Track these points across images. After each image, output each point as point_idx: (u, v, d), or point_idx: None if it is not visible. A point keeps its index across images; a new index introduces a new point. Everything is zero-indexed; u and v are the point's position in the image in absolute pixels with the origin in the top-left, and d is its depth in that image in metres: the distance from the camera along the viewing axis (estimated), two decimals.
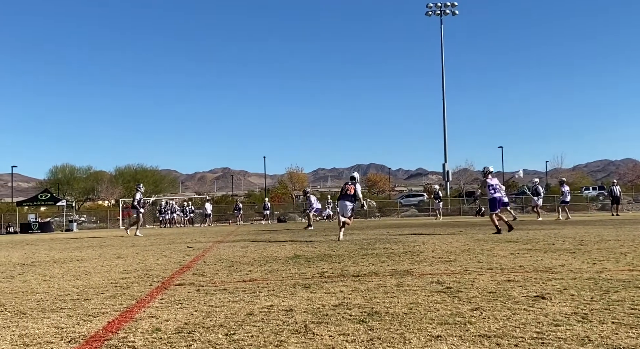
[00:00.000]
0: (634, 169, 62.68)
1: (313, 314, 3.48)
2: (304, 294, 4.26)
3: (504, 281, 4.60)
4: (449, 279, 4.84)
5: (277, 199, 50.39)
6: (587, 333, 2.78)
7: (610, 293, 3.87)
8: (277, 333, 3.00)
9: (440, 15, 49.54)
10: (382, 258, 6.88)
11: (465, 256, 6.79)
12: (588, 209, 38.40)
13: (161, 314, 3.65)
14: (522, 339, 2.71)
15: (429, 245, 8.88)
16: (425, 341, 2.74)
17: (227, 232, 18.52)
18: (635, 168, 62.66)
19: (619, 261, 5.76)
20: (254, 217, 41.61)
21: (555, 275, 4.88)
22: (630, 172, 62.96)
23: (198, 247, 10.37)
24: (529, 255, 6.71)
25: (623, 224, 15.20)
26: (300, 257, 7.44)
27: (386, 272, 5.47)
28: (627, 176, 61.21)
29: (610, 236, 9.82)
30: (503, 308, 3.49)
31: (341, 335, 2.90)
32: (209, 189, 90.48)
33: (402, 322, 3.16)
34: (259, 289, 4.56)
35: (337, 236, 11.42)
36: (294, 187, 58.30)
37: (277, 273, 5.74)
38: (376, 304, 3.75)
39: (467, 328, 2.96)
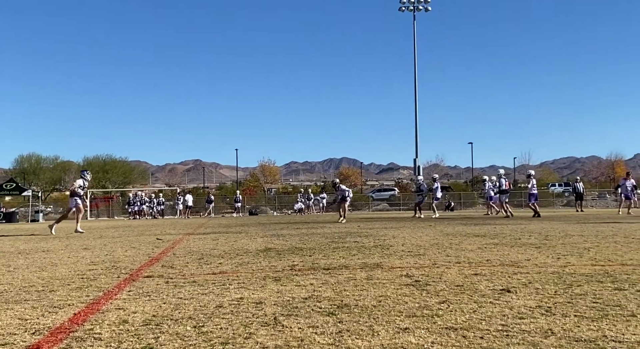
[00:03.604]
0: (598, 167, 64.35)
1: (283, 306, 3.48)
2: (274, 286, 4.26)
3: (471, 275, 4.68)
4: (417, 272, 4.90)
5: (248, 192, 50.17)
6: (550, 325, 2.85)
7: (573, 287, 3.97)
8: (246, 325, 2.99)
9: (413, 11, 49.78)
10: (353, 251, 6.92)
11: (434, 250, 6.88)
12: (554, 205, 39.31)
13: (129, 306, 3.60)
14: (487, 331, 2.76)
15: (399, 239, 8.97)
16: (393, 333, 2.77)
17: (198, 225, 18.37)
18: (599, 165, 64.33)
19: (582, 256, 5.92)
20: (226, 209, 41.36)
21: (520, 269, 4.98)
22: (595, 169, 64.60)
23: (167, 240, 10.27)
24: (496, 249, 6.84)
25: (587, 220, 15.61)
26: (271, 250, 7.43)
27: (356, 265, 5.51)
28: (592, 173, 62.81)
29: (575, 231, 10.07)
30: (470, 301, 3.55)
31: (310, 327, 2.91)
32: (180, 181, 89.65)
33: (371, 314, 3.19)
34: (229, 282, 4.55)
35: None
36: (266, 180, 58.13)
37: (247, 265, 5.72)
38: (346, 297, 3.77)
39: (434, 321, 3.01)
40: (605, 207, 34.78)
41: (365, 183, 78.32)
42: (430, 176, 22.65)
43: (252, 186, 56.92)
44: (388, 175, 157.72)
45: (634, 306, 3.28)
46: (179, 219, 30.82)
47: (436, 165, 60.00)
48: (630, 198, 21.54)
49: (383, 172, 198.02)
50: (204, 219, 28.84)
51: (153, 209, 35.78)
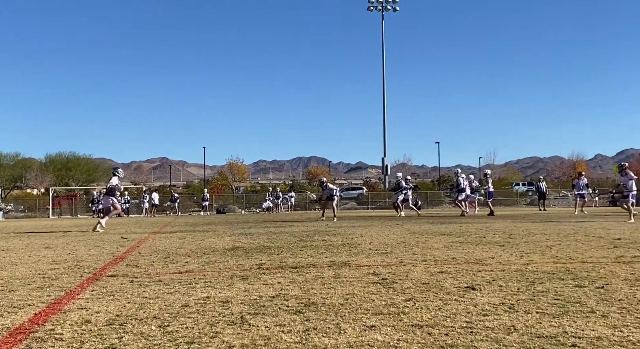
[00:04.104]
0: (560, 166, 65.98)
1: (250, 305, 3.47)
2: (241, 285, 4.24)
3: (437, 273, 4.74)
4: (384, 270, 4.94)
5: (216, 190, 49.75)
6: (513, 322, 2.91)
7: (535, 284, 4.06)
8: (212, 324, 2.96)
9: (381, 10, 50.19)
10: (321, 250, 6.93)
11: (401, 249, 6.95)
12: (518, 204, 40.17)
13: (92, 306, 3.53)
14: (452, 328, 2.80)
15: (366, 237, 9.02)
16: (359, 331, 2.78)
17: (164, 224, 18.13)
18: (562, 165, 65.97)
19: (544, 254, 6.06)
20: (193, 208, 40.92)
21: (485, 267, 5.07)
22: (557, 169, 66.22)
23: (133, 238, 10.10)
24: (462, 247, 6.95)
25: (549, 218, 16.00)
26: (239, 249, 7.38)
27: (324, 264, 5.52)
28: (554, 173, 64.39)
29: (538, 230, 10.31)
30: (435, 298, 3.60)
31: (277, 326, 2.91)
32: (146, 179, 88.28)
33: (338, 312, 3.20)
34: (195, 281, 4.50)
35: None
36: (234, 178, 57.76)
37: (214, 264, 5.67)
38: (313, 295, 3.78)
39: (400, 318, 3.04)
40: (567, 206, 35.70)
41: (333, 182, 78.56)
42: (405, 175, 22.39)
43: (220, 184, 56.45)
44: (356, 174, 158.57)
45: (593, 302, 3.37)
46: (145, 217, 30.36)
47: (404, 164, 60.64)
48: (584, 197, 22.22)
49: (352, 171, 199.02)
50: (170, 217, 28.47)
51: None
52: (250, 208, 40.56)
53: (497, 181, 51.68)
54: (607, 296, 3.57)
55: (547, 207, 29.24)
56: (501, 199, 40.25)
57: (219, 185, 55.60)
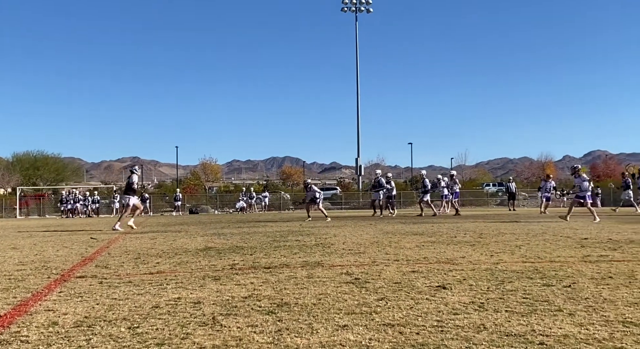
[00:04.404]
0: (529, 167, 67.20)
1: (222, 306, 3.44)
2: (214, 286, 4.20)
3: (409, 272, 4.78)
4: (357, 270, 4.96)
5: (189, 190, 49.27)
6: (482, 321, 2.95)
7: (505, 283, 4.13)
8: (183, 326, 2.93)
9: (355, 12, 50.42)
10: (294, 250, 6.92)
11: (374, 248, 6.98)
12: (488, 204, 40.78)
13: (59, 307, 3.46)
14: (423, 327, 2.83)
15: (340, 237, 9.04)
16: (332, 330, 2.79)
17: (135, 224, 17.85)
18: (531, 166, 67.20)
19: (514, 254, 6.17)
20: (165, 208, 40.42)
21: (456, 266, 5.14)
22: (526, 170, 67.42)
23: (102, 239, 9.93)
24: (433, 247, 7.02)
25: (519, 218, 16.28)
26: (211, 249, 7.32)
27: (297, 264, 5.51)
28: (523, 174, 65.54)
29: (507, 229, 10.48)
30: (407, 297, 3.63)
31: (249, 326, 2.89)
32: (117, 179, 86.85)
33: (311, 312, 3.20)
34: (167, 282, 4.44)
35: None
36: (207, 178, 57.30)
37: (186, 265, 5.61)
38: (286, 295, 3.77)
39: (372, 318, 3.05)
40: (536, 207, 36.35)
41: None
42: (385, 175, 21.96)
43: (193, 184, 55.92)
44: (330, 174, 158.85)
45: (560, 301, 3.44)
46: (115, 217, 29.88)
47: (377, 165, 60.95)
48: (549, 199, 22.71)
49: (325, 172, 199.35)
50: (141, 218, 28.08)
51: (87, 208, 34.51)
52: (224, 208, 40.26)
53: (469, 181, 52.36)
54: (574, 294, 3.65)
55: (516, 208, 29.75)
56: (472, 200, 40.84)
57: (191, 185, 55.07)
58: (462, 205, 26.42)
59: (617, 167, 57.52)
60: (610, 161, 66.12)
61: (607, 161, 67.55)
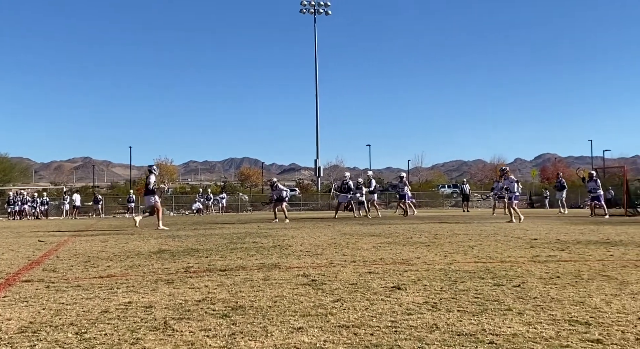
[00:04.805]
0: (483, 169, 68.91)
1: (174, 310, 3.37)
2: (166, 289, 4.11)
3: (365, 273, 4.81)
4: (314, 272, 4.96)
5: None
6: (435, 320, 2.99)
7: (457, 283, 4.20)
8: (133, 331, 2.86)
9: (314, 13, 50.55)
10: (251, 252, 6.86)
11: (332, 250, 7.00)
12: (443, 205, 41.57)
13: (3, 313, 3.32)
14: (377, 328, 2.84)
15: (297, 239, 9.02)
16: (287, 333, 2.77)
17: (86, 226, 17.37)
18: (484, 168, 68.89)
19: (466, 254, 6.29)
20: (118, 210, 39.44)
21: (411, 267, 5.20)
22: (480, 172, 69.11)
23: (51, 242, 9.59)
24: (389, 248, 7.09)
25: (472, 219, 16.65)
26: (165, 251, 7.18)
27: (254, 266, 5.46)
28: (477, 176, 67.17)
29: (461, 230, 10.69)
30: (362, 298, 3.65)
31: (202, 330, 2.84)
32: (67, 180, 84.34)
33: (266, 315, 3.17)
34: (117, 286, 4.33)
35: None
36: (162, 179, 56.28)
37: (138, 268, 5.48)
38: (241, 298, 3.73)
39: (328, 319, 3.05)
40: (489, 208, 37.34)
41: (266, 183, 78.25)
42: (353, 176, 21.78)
43: None
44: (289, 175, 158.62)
45: (510, 300, 3.53)
46: (65, 219, 28.99)
47: (336, 166, 61.28)
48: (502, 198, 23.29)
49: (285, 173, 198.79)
50: (92, 219, 27.32)
51: (36, 209, 33.33)
52: (180, 210, 39.61)
53: (425, 183, 53.25)
54: (523, 294, 3.75)
55: (470, 209, 30.41)
56: (428, 201, 41.55)
57: None
58: (418, 206, 26.82)
59: (566, 169, 59.65)
60: (559, 164, 68.44)
61: (556, 163, 69.89)
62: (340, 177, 32.79)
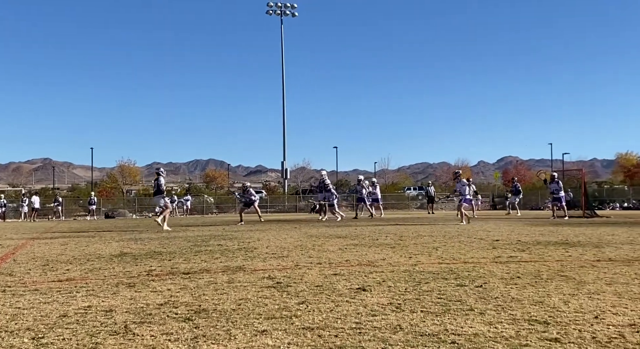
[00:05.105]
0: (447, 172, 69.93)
1: (135, 314, 3.30)
2: (128, 293, 4.03)
3: (331, 275, 4.82)
4: (280, 274, 4.94)
5: (105, 194, 47.27)
6: (399, 321, 3.01)
7: (421, 284, 4.25)
8: (92, 335, 2.78)
9: (280, 15, 50.51)
10: (216, 255, 6.79)
11: (298, 252, 6.99)
12: (409, 207, 42.03)
13: None
14: (342, 329, 2.85)
15: (263, 241, 8.98)
16: (250, 336, 2.75)
17: (45, 229, 16.90)
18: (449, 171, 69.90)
19: (431, 255, 6.37)
20: (79, 212, 38.51)
21: (376, 268, 5.23)
22: (444, 174, 70.13)
23: (8, 245, 9.29)
24: (355, 250, 7.12)
25: (437, 221, 16.88)
26: (127, 254, 7.04)
27: (218, 269, 5.41)
28: (442, 178, 68.15)
29: (426, 232, 10.83)
30: (327, 300, 3.65)
31: (164, 334, 2.79)
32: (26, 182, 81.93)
33: (230, 318, 3.14)
34: (77, 289, 4.22)
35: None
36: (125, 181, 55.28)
37: (98, 271, 5.35)
38: (204, 301, 3.68)
39: (292, 321, 3.04)
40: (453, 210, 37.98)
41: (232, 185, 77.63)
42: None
43: (110, 187, 53.67)
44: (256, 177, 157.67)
45: (472, 301, 3.58)
46: (24, 222, 28.14)
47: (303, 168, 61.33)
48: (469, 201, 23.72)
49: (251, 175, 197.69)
50: (52, 222, 26.60)
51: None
52: (143, 212, 38.92)
53: (391, 185, 53.73)
54: (485, 294, 3.81)
55: (435, 211, 30.83)
56: (394, 203, 41.94)
57: (108, 188, 52.87)
58: (385, 208, 27.02)
59: (527, 172, 61.09)
60: (521, 167, 70.10)
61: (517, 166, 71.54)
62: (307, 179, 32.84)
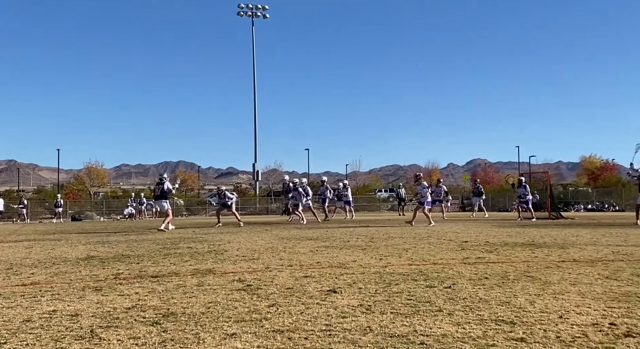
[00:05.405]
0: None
1: (102, 318, 3.24)
2: (94, 297, 3.95)
3: (302, 277, 4.81)
4: (250, 276, 4.91)
5: (72, 196, 46.28)
6: (369, 323, 3.03)
7: (391, 286, 4.28)
8: (57, 340, 2.72)
9: (251, 16, 50.31)
10: (185, 258, 6.71)
11: (269, 254, 6.96)
12: (380, 209, 42.31)
13: None
14: (312, 332, 2.85)
15: (234, 244, 8.92)
16: (219, 339, 2.72)
17: (9, 232, 16.45)
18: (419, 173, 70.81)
19: (401, 257, 6.42)
20: (44, 215, 37.61)
21: (347, 270, 5.25)
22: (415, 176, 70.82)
23: None
24: (327, 252, 7.14)
25: (407, 223, 17.00)
26: (94, 258, 6.90)
27: (187, 272, 5.35)
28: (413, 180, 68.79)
29: (396, 234, 10.91)
30: (298, 302, 3.64)
31: (131, 339, 2.75)
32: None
33: (199, 322, 3.11)
34: (42, 294, 4.12)
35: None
36: (92, 183, 54.27)
37: (64, 275, 5.24)
38: (173, 305, 3.63)
39: (262, 324, 3.02)
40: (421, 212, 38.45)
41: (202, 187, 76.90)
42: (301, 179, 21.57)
43: (77, 189, 52.58)
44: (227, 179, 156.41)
45: (441, 302, 3.63)
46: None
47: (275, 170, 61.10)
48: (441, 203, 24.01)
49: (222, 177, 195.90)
50: (17, 225, 25.91)
51: None
52: (111, 215, 38.25)
53: (362, 187, 54.01)
54: (453, 295, 3.86)
55: (405, 212, 31.08)
56: (365, 205, 42.14)
57: (74, 190, 51.78)
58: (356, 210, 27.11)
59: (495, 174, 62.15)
60: (489, 169, 71.19)
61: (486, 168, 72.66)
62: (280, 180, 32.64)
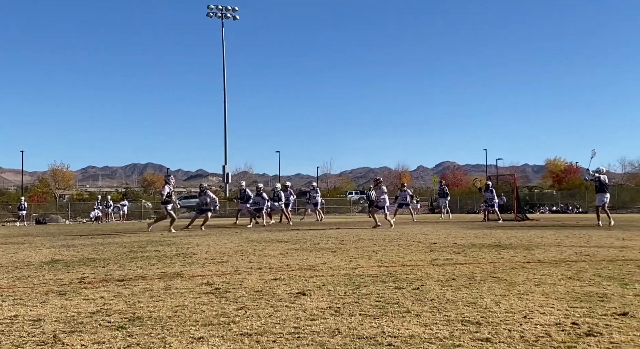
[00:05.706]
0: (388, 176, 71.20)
1: (65, 323, 3.17)
2: (58, 301, 3.86)
3: (271, 280, 4.79)
4: (219, 280, 4.87)
5: (36, 199, 45.14)
6: (338, 325, 3.03)
7: (360, 288, 4.30)
8: (19, 346, 2.65)
9: (221, 18, 49.97)
10: (153, 261, 6.62)
11: (238, 257, 6.91)
12: (351, 211, 42.47)
13: None
14: (280, 334, 2.84)
15: (203, 247, 8.82)
16: (186, 343, 2.69)
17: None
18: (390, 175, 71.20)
19: (370, 259, 6.46)
20: (7, 218, 36.59)
21: (317, 272, 5.25)
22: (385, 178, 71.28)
23: None
24: (297, 254, 7.12)
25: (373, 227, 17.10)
26: (59, 262, 6.74)
27: (155, 275, 5.27)
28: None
29: (366, 236, 10.97)
30: (267, 305, 3.62)
31: (95, 344, 2.69)
32: None
33: (165, 326, 3.07)
34: (3, 298, 4.01)
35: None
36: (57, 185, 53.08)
37: (27, 279, 5.10)
38: (139, 309, 3.58)
39: (230, 328, 3.00)
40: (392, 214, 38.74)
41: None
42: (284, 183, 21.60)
43: (41, 192, 51.32)
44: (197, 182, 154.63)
45: (409, 303, 3.66)
46: None
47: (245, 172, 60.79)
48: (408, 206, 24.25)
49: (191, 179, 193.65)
50: None
51: None
52: (76, 218, 37.44)
53: (333, 189, 54.15)
54: (421, 296, 3.90)
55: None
56: (336, 207, 42.26)
57: (39, 193, 50.53)
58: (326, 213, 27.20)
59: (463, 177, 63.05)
60: (458, 172, 72.20)
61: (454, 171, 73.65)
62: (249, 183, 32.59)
